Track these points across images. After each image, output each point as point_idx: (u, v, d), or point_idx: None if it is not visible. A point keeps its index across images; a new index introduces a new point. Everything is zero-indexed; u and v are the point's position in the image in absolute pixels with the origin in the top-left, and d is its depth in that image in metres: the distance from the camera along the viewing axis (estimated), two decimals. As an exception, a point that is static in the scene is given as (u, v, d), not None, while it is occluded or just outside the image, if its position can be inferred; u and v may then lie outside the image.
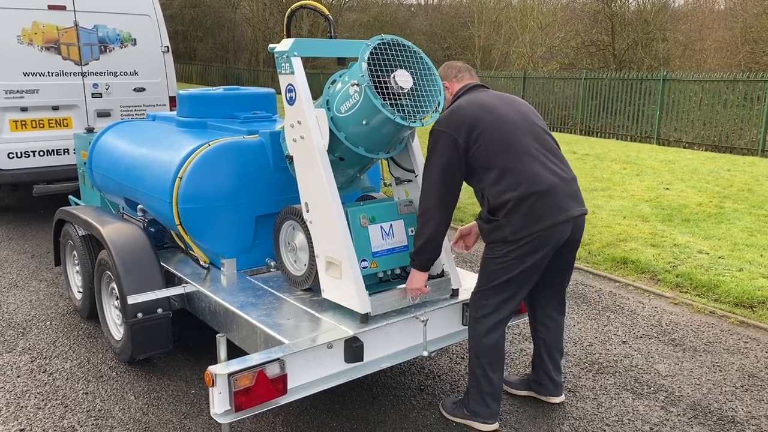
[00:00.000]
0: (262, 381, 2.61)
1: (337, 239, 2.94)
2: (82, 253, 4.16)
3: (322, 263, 3.08)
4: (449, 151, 2.92)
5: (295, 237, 3.40)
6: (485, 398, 3.13)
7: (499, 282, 3.00)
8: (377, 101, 2.78)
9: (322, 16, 3.46)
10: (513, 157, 2.91)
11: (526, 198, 2.87)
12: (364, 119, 2.88)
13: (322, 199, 2.99)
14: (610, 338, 4.27)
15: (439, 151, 2.94)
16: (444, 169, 2.94)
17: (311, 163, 3.01)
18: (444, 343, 3.29)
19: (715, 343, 4.23)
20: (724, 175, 9.64)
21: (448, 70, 3.28)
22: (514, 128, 2.96)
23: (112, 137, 4.57)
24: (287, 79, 3.07)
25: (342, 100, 2.96)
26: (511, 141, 2.93)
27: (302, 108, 3.00)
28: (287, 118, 3.12)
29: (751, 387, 3.67)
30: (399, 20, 34.93)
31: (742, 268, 5.40)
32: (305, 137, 3.02)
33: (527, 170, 2.90)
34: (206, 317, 3.45)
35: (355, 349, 2.89)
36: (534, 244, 2.91)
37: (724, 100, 13.70)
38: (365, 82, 2.77)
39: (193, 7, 39.78)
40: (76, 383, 3.60)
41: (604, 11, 24.30)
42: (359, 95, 2.84)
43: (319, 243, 3.08)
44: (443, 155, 2.93)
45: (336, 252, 2.97)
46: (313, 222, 3.08)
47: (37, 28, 6.48)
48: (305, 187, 3.09)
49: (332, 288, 3.06)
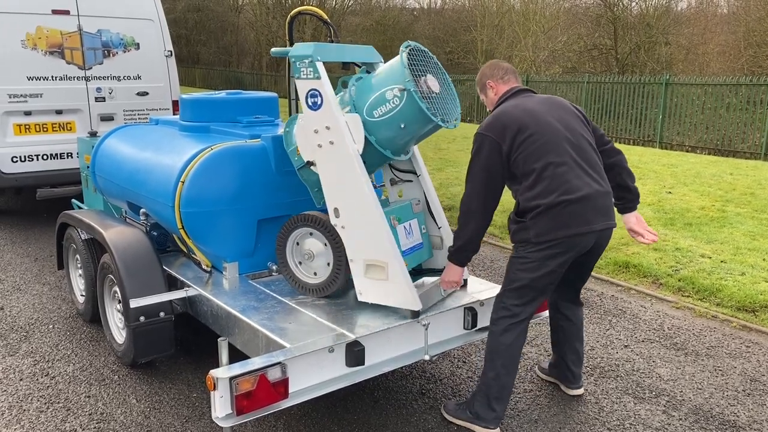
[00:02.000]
0: (264, 385, 2.61)
1: (383, 241, 3.00)
2: (85, 256, 4.18)
3: (359, 267, 3.09)
4: (493, 156, 2.99)
5: (310, 245, 3.34)
6: (491, 402, 3.14)
7: (520, 284, 3.06)
8: (423, 104, 2.88)
9: (322, 22, 3.47)
10: (551, 166, 2.94)
11: (556, 205, 2.92)
12: (403, 122, 2.97)
13: (362, 203, 3.01)
14: (612, 342, 4.27)
15: (484, 155, 3.00)
16: (487, 174, 3.01)
17: (345, 168, 3.02)
18: (446, 347, 3.29)
19: (717, 347, 4.22)
20: (726, 179, 9.63)
21: (494, 70, 3.28)
22: (556, 137, 2.98)
23: (115, 141, 4.59)
24: (310, 84, 3.04)
25: (376, 105, 3.00)
26: (551, 150, 2.96)
27: (332, 113, 3.01)
28: (309, 124, 3.08)
29: (753, 391, 3.66)
30: (401, 24, 34.99)
31: (744, 272, 5.39)
32: (336, 142, 3.02)
33: (562, 179, 2.93)
34: (208, 321, 3.46)
35: (357, 352, 2.89)
36: (556, 249, 2.96)
37: (726, 104, 13.69)
38: (412, 87, 2.87)
39: (196, 11, 39.89)
40: (78, 386, 3.61)
41: (607, 15, 24.34)
42: (400, 99, 2.92)
43: (356, 247, 3.09)
44: (488, 160, 3.00)
45: (381, 253, 3.02)
46: (347, 226, 3.08)
47: (41, 33, 6.51)
48: (336, 192, 3.08)
49: (373, 290, 3.09)
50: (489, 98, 3.29)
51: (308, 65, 3.03)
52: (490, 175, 3.01)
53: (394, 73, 2.98)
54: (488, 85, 3.27)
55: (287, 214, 3.73)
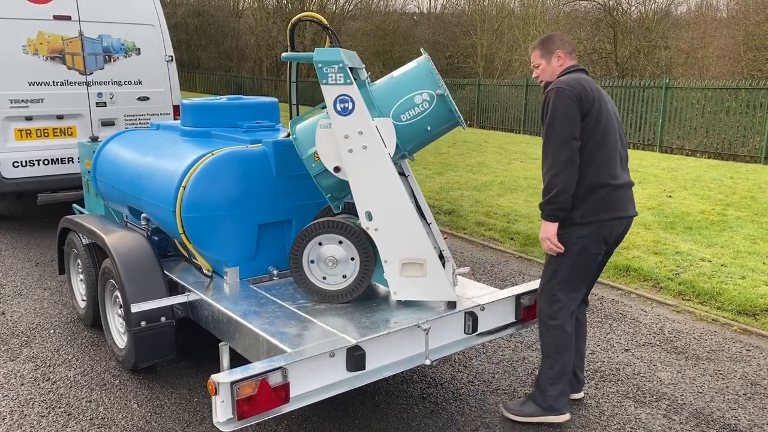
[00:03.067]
0: (265, 389, 2.62)
1: (420, 239, 3.13)
2: (86, 261, 4.18)
3: (394, 267, 3.18)
4: (574, 108, 3.02)
5: (333, 251, 3.33)
6: (564, 390, 3.32)
7: (565, 273, 3.19)
8: (453, 107, 3.09)
9: (322, 27, 3.48)
10: (603, 150, 3.11)
11: (602, 188, 3.10)
12: (429, 125, 3.15)
13: (398, 204, 3.12)
14: (613, 346, 4.27)
15: (567, 105, 3.02)
16: (572, 123, 3.02)
17: (380, 171, 3.10)
18: (446, 351, 3.29)
19: (717, 351, 4.22)
20: (726, 183, 9.64)
21: (565, 43, 3.31)
22: (612, 124, 3.15)
23: (116, 146, 4.60)
24: (340, 90, 3.06)
25: (404, 109, 3.13)
26: (607, 134, 3.12)
27: (365, 118, 3.07)
28: (339, 130, 3.09)
29: (753, 395, 3.66)
30: (402, 29, 35.03)
31: (744, 276, 5.40)
32: (369, 146, 3.08)
33: (609, 165, 3.12)
34: (209, 326, 3.46)
35: (357, 357, 2.90)
36: (598, 232, 3.13)
37: (726, 108, 13.71)
38: (445, 91, 3.07)
39: (197, 16, 40.02)
40: (79, 391, 3.61)
41: (606, 19, 24.39)
42: (429, 104, 3.11)
43: (392, 247, 3.17)
44: (570, 110, 3.02)
45: (418, 251, 3.14)
46: (380, 228, 3.15)
47: (42, 39, 6.53)
48: (368, 196, 3.13)
49: (410, 287, 3.20)
50: (550, 66, 3.29)
51: (338, 71, 3.05)
52: (574, 124, 3.02)
53: (421, 79, 3.14)
54: (557, 54, 3.26)
55: (288, 218, 3.75)
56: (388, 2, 37.68)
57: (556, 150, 3.06)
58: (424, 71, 3.17)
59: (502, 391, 3.66)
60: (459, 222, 7.45)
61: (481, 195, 8.84)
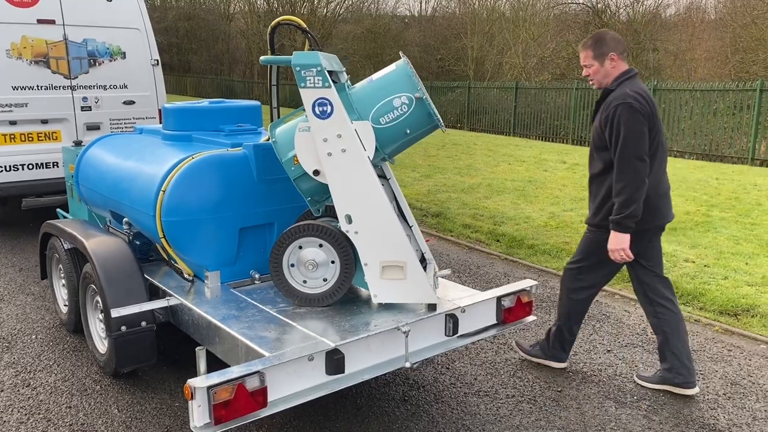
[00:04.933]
0: (242, 394, 2.61)
1: (400, 242, 3.13)
2: (68, 266, 4.17)
3: (374, 270, 3.18)
4: (645, 125, 3.23)
5: (313, 255, 3.32)
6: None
7: (599, 260, 3.55)
8: (432, 110, 3.09)
9: (301, 31, 3.49)
10: (657, 159, 3.35)
11: (657, 198, 3.37)
12: (408, 128, 3.14)
13: (378, 207, 3.12)
14: (595, 347, 4.29)
15: (640, 124, 3.22)
16: (645, 142, 3.24)
17: (359, 174, 3.10)
18: (427, 354, 3.29)
19: (699, 351, 4.25)
20: (712, 184, 9.71)
21: (618, 44, 3.41)
22: (662, 135, 3.40)
23: (98, 150, 4.59)
24: (319, 93, 3.06)
25: (383, 112, 3.13)
26: (661, 144, 3.37)
27: (344, 121, 3.06)
28: (318, 133, 3.09)
29: (733, 395, 3.69)
30: (392, 32, 35.09)
31: (727, 276, 5.43)
32: (349, 149, 3.08)
33: (661, 173, 3.40)
34: (189, 330, 3.45)
35: (336, 361, 2.90)
36: (637, 239, 3.40)
37: (714, 110, 13.80)
38: (423, 95, 3.07)
39: (187, 19, 39.93)
40: (59, 397, 3.59)
41: (595, 22, 24.51)
42: (408, 107, 3.11)
43: (372, 250, 3.16)
44: (642, 126, 3.22)
45: (398, 254, 3.14)
46: (360, 231, 3.15)
47: (26, 42, 6.51)
48: (348, 199, 3.14)
49: (391, 290, 3.21)
50: (604, 69, 3.40)
51: (316, 74, 3.05)
52: (646, 142, 3.24)
53: (400, 82, 3.14)
54: (611, 57, 3.36)
55: (269, 222, 3.74)
56: (379, 5, 37.79)
57: (631, 168, 3.25)
58: (403, 74, 3.18)
59: (484, 393, 3.67)
60: (446, 224, 7.46)
61: (468, 197, 8.86)
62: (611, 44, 3.35)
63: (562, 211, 7.85)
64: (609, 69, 3.36)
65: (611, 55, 3.35)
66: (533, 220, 7.37)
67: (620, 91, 3.30)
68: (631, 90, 3.27)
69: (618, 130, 3.26)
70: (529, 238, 6.64)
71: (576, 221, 7.33)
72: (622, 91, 3.29)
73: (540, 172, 10.79)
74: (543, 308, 4.98)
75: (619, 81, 3.35)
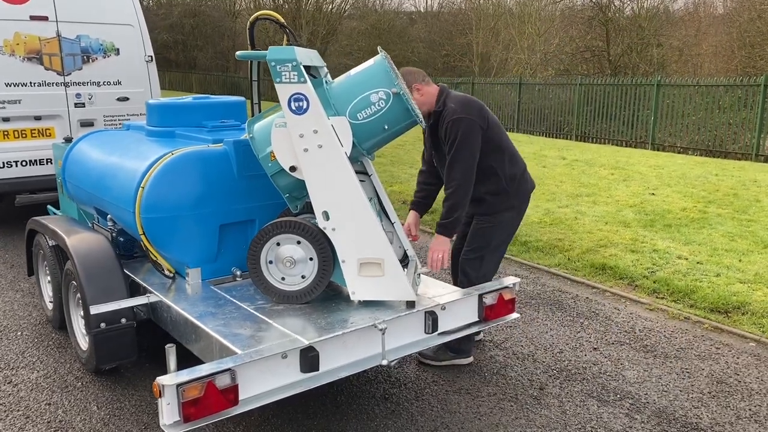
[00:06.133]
0: (212, 392, 2.59)
1: (378, 238, 3.12)
2: (52, 263, 4.16)
3: (352, 267, 3.16)
4: (477, 134, 3.55)
5: (291, 252, 3.28)
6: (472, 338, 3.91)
7: (496, 243, 3.78)
8: (411, 105, 3.10)
9: (279, 26, 3.46)
10: (507, 140, 3.75)
11: (523, 172, 3.79)
12: (386, 124, 3.13)
13: (355, 203, 3.10)
14: (582, 345, 4.26)
15: (474, 135, 3.54)
16: (475, 150, 3.55)
17: (336, 171, 3.08)
18: (405, 351, 3.26)
19: (686, 349, 4.20)
20: (711, 180, 9.62)
21: (416, 75, 3.72)
22: (496, 117, 3.73)
23: (84, 147, 4.58)
24: (294, 88, 3.04)
25: (360, 108, 3.11)
26: (501, 126, 3.74)
27: (320, 117, 3.04)
28: (294, 129, 3.07)
29: (718, 393, 3.64)
30: (397, 28, 35.02)
31: (719, 273, 5.37)
32: (325, 145, 3.06)
33: (517, 152, 3.82)
34: (168, 327, 3.44)
35: (311, 358, 2.87)
36: (524, 209, 3.85)
37: (718, 105, 13.68)
38: (401, 90, 3.06)
39: (192, 16, 39.92)
40: (40, 394, 3.59)
41: (599, 17, 24.35)
42: (386, 102, 3.09)
43: (349, 247, 3.15)
44: (476, 138, 3.54)
45: (376, 251, 3.13)
46: (338, 228, 3.14)
47: (19, 39, 6.51)
48: (325, 195, 3.12)
49: (369, 287, 3.19)
50: (418, 101, 3.62)
51: (292, 69, 3.03)
52: (476, 150, 3.55)
53: (378, 77, 3.11)
54: (415, 88, 3.62)
55: (250, 219, 3.72)
56: (384, 1, 37.65)
57: (462, 174, 3.56)
58: (381, 69, 3.15)
59: (465, 391, 3.64)
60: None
61: (465, 194, 8.80)
62: (408, 78, 3.58)
63: (557, 208, 7.80)
64: (419, 98, 3.61)
65: (416, 86, 3.63)
66: (528, 217, 7.30)
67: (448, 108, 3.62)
68: (462, 99, 3.63)
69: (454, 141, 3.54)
70: (523, 235, 6.59)
71: (571, 218, 7.28)
72: (448, 107, 3.61)
73: (538, 168, 10.73)
74: (532, 305, 4.95)
75: (443, 98, 3.67)
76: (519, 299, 4.95)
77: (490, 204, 3.75)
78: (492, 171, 3.67)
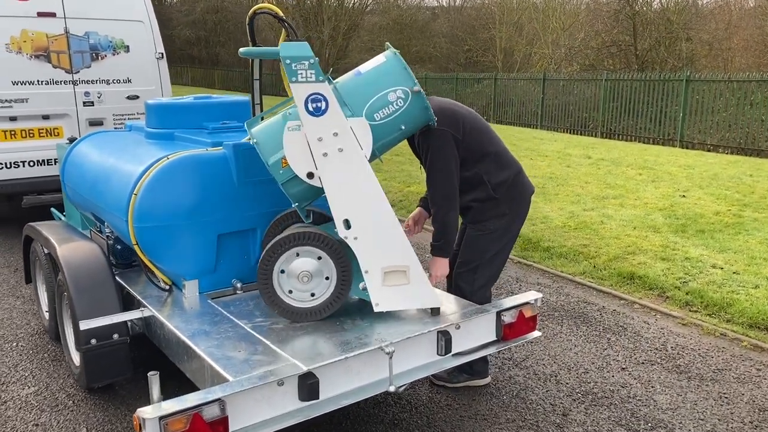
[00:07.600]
0: (198, 424, 2.35)
1: (402, 245, 2.95)
2: (47, 271, 3.97)
3: (376, 277, 2.95)
4: (449, 145, 3.22)
5: (304, 265, 3.02)
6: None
7: (490, 255, 3.43)
8: (428, 104, 2.97)
9: (278, 20, 3.21)
10: (495, 144, 3.39)
11: (515, 176, 3.40)
12: (404, 124, 2.98)
13: (379, 210, 2.91)
14: (609, 364, 3.94)
15: (447, 146, 3.21)
16: (450, 161, 3.23)
17: (358, 176, 2.87)
18: (416, 375, 2.98)
19: (724, 370, 3.87)
20: (746, 181, 9.17)
21: None
22: (479, 121, 3.38)
23: (84, 148, 4.37)
24: (312, 88, 2.78)
25: (377, 108, 2.92)
26: (486, 130, 3.39)
27: (340, 118, 2.82)
28: (312, 132, 2.82)
29: (761, 423, 3.31)
30: (419, 23, 34.69)
31: (758, 285, 5.00)
32: (345, 149, 2.83)
33: (507, 154, 3.44)
34: (162, 345, 3.21)
35: (310, 386, 2.61)
36: (522, 215, 3.48)
37: (751, 101, 13.15)
38: (419, 88, 2.93)
39: (215, 12, 39.95)
40: (28, 413, 3.39)
41: (626, 10, 23.74)
42: (404, 101, 2.94)
43: (372, 256, 2.93)
44: (449, 149, 3.21)
45: (401, 258, 2.96)
46: (360, 237, 2.91)
47: (26, 36, 6.34)
48: (345, 202, 2.88)
49: (393, 297, 3.00)
50: None
51: (309, 67, 2.77)
52: (455, 162, 3.24)
53: (394, 75, 2.95)
54: None
55: (250, 228, 3.48)
56: (406, -4, 37.25)
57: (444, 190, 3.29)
58: (398, 67, 2.96)
59: (481, 417, 3.36)
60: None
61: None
62: None
63: (582, 211, 7.44)
64: None
65: None
66: (551, 220, 6.99)
67: None
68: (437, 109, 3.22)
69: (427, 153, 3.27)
70: (546, 240, 6.27)
71: (597, 222, 6.93)
72: None
73: (562, 168, 10.36)
74: (555, 318, 4.64)
75: None
76: (541, 311, 4.65)
77: (477, 211, 3.41)
78: (477, 178, 3.33)
